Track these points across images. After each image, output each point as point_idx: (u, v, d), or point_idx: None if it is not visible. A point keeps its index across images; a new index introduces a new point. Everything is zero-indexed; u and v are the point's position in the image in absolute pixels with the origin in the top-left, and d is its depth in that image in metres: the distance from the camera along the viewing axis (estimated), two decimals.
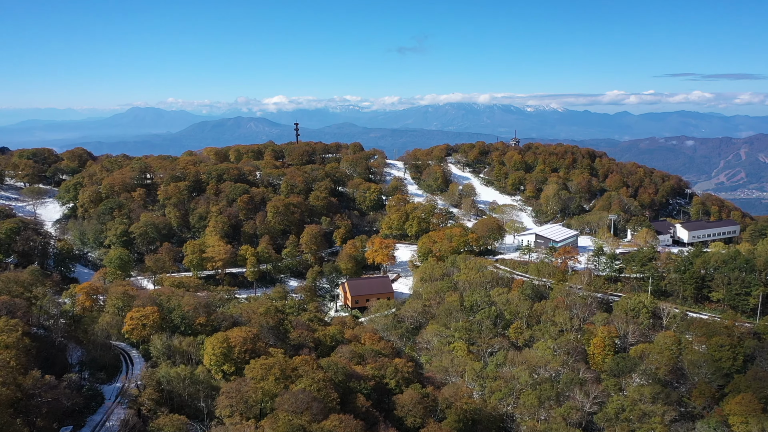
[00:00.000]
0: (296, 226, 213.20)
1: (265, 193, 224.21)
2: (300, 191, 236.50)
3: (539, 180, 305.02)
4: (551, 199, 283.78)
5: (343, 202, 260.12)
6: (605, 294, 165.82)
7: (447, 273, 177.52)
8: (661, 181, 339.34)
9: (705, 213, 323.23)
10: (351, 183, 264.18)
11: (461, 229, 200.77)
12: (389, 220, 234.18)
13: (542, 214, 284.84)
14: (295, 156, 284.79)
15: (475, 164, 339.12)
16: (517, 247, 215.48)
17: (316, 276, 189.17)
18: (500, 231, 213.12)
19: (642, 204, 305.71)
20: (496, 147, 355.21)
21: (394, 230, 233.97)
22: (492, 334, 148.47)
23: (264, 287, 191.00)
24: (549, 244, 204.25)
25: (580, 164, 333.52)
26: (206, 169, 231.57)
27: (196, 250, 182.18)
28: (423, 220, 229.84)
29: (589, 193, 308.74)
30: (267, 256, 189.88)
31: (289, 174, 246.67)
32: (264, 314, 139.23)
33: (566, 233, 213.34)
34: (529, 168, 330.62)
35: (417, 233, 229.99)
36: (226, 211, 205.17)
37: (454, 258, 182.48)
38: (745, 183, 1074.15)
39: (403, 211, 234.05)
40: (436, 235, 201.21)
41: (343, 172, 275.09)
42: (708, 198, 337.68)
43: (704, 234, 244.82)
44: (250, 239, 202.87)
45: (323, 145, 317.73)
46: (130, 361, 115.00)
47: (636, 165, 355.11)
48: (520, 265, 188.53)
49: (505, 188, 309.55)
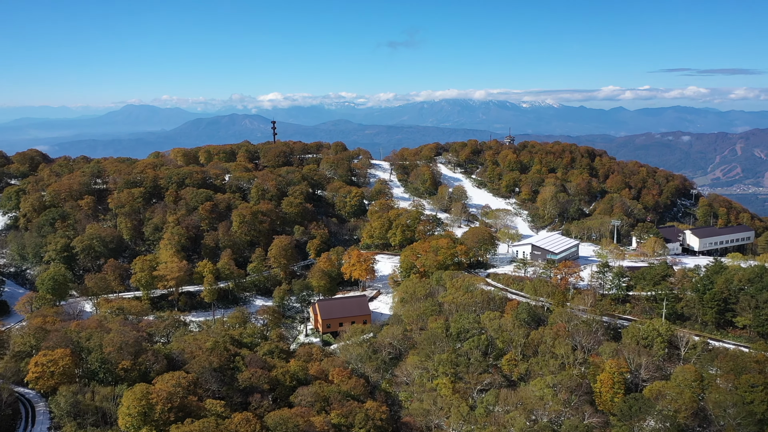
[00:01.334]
0: (265, 237, 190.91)
1: (232, 200, 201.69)
2: (272, 197, 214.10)
3: (535, 181, 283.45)
4: (548, 203, 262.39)
5: (322, 208, 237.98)
6: (612, 317, 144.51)
7: (431, 292, 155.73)
8: (665, 181, 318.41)
9: (713, 215, 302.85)
10: (330, 186, 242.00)
11: (448, 241, 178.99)
12: (370, 228, 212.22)
13: (539, 219, 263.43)
14: (270, 157, 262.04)
15: (466, 164, 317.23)
16: (512, 259, 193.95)
17: (284, 294, 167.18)
18: (492, 241, 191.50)
19: (645, 206, 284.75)
20: (489, 146, 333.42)
21: (376, 239, 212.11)
22: (482, 368, 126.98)
23: (225, 308, 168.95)
24: (547, 256, 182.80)
25: (578, 164, 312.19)
26: (166, 174, 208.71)
27: (146, 267, 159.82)
28: (408, 228, 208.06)
29: (589, 195, 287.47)
30: (228, 272, 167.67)
31: (261, 177, 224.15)
32: (210, 351, 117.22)
33: (566, 243, 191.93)
34: (525, 168, 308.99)
35: (401, 243, 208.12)
36: (185, 221, 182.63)
37: (439, 275, 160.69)
38: (741, 178, 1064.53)
39: (385, 218, 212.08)
40: (421, 247, 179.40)
41: (322, 174, 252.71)
42: (715, 199, 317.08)
43: (716, 241, 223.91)
44: (211, 253, 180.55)
45: (302, 144, 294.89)
46: (31, 420, 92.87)
47: (638, 164, 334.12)
48: (515, 282, 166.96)
49: (498, 190, 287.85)
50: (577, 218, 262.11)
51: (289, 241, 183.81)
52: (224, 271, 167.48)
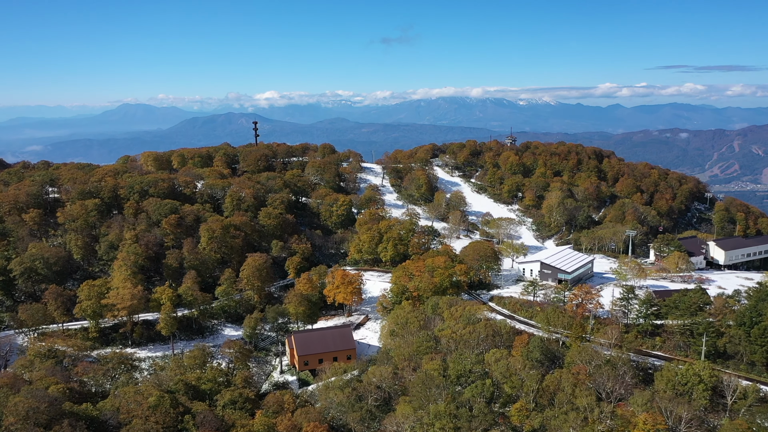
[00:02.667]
0: (238, 254, 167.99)
1: (201, 212, 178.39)
2: (249, 207, 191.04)
3: (540, 185, 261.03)
4: (555, 209, 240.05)
5: (306, 218, 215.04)
6: (640, 354, 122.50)
7: (426, 323, 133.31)
8: (677, 184, 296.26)
9: (729, 221, 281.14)
10: (315, 194, 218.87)
11: (446, 259, 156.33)
12: (359, 241, 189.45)
13: (545, 228, 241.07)
14: (250, 161, 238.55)
15: (465, 167, 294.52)
16: (518, 277, 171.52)
17: (256, 323, 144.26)
18: (495, 258, 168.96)
19: (659, 212, 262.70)
20: (489, 146, 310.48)
21: (365, 254, 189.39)
22: (487, 422, 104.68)
23: (189, 339, 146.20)
24: (558, 275, 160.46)
25: (585, 166, 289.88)
26: (128, 182, 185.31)
27: (94, 293, 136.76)
28: (400, 242, 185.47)
29: (598, 200, 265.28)
30: (191, 298, 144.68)
31: (237, 185, 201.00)
32: (153, 409, 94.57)
33: (579, 260, 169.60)
34: (528, 171, 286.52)
35: (393, 258, 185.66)
36: (145, 238, 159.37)
37: (436, 301, 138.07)
38: (739, 175, 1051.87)
39: (375, 230, 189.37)
40: (414, 266, 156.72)
41: (306, 180, 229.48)
42: (732, 203, 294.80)
43: (743, 254, 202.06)
44: (174, 274, 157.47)
45: (287, 147, 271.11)
46: None
47: (648, 166, 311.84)
48: (523, 308, 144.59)
49: (500, 196, 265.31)
50: (587, 226, 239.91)
51: (264, 259, 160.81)
52: (187, 297, 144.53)
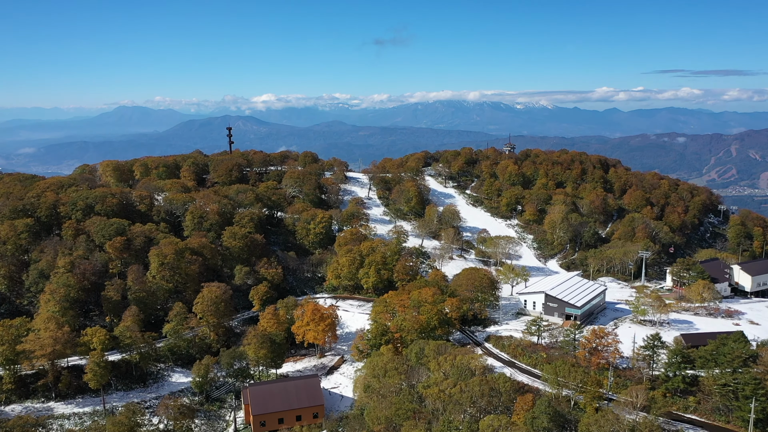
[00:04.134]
0: (195, 283, 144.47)
1: (154, 232, 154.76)
2: (212, 226, 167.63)
3: (541, 198, 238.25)
4: (558, 225, 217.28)
5: (281, 237, 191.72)
6: (671, 418, 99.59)
7: (410, 373, 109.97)
8: (689, 195, 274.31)
9: (746, 236, 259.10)
10: (291, 209, 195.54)
11: (434, 291, 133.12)
12: (337, 266, 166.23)
13: (547, 246, 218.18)
14: (221, 171, 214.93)
15: (460, 177, 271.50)
16: (518, 310, 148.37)
17: (208, 369, 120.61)
18: (493, 288, 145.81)
19: (671, 227, 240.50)
20: (486, 154, 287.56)
21: (343, 280, 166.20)
22: None
23: (127, 389, 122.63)
24: (566, 310, 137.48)
25: (590, 176, 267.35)
26: (72, 197, 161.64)
27: (9, 336, 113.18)
28: (384, 266, 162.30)
29: (605, 214, 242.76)
30: (129, 340, 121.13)
31: (201, 199, 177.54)
32: None
33: (589, 290, 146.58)
34: (528, 182, 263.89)
35: (375, 285, 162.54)
36: (82, 265, 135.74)
37: (421, 347, 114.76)
38: (737, 180, 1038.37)
39: (356, 252, 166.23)
40: (398, 300, 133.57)
41: (282, 193, 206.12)
42: (747, 216, 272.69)
43: None
44: (116, 308, 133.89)
45: (263, 155, 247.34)
46: None
47: (658, 176, 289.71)
48: (525, 352, 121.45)
49: (498, 209, 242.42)
50: (594, 244, 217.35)
51: (222, 290, 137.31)
52: (124, 339, 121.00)
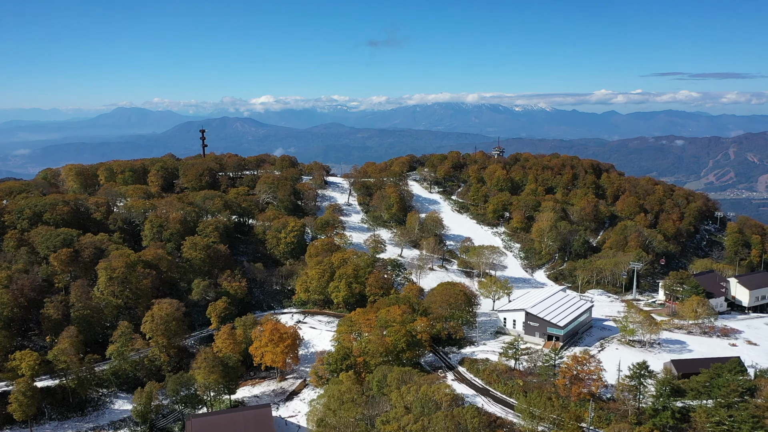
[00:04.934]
0: (148, 298, 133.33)
1: (105, 243, 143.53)
2: (172, 235, 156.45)
3: (530, 205, 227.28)
4: (546, 234, 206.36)
5: (251, 246, 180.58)
6: None
7: (370, 404, 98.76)
8: (685, 201, 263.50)
9: (743, 244, 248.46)
10: (262, 216, 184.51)
11: (404, 310, 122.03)
12: (306, 278, 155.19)
13: (534, 255, 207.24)
14: (191, 176, 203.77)
15: (446, 182, 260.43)
16: (498, 328, 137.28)
17: (151, 397, 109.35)
18: (469, 305, 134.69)
19: (665, 235, 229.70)
20: (474, 159, 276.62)
21: (312, 294, 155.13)
22: None
23: (63, 419, 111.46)
24: (548, 329, 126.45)
25: (582, 181, 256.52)
26: (18, 205, 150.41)
27: None
28: (356, 280, 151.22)
29: (596, 221, 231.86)
30: (64, 364, 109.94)
31: (162, 207, 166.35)
32: None
33: (574, 307, 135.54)
34: (517, 187, 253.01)
35: (346, 300, 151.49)
36: (20, 281, 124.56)
37: (383, 375, 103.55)
38: (735, 183, 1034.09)
39: (327, 263, 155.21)
40: (364, 319, 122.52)
41: (253, 199, 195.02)
42: (745, 223, 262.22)
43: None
44: (57, 327, 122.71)
45: (238, 159, 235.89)
46: None
47: (652, 181, 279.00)
48: (501, 378, 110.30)
49: (484, 216, 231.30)
50: (583, 254, 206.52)
51: (174, 307, 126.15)
52: (58, 363, 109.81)
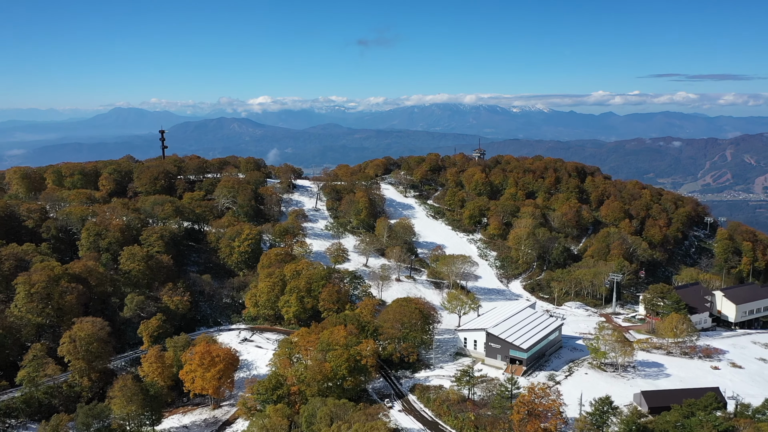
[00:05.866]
0: (74, 315, 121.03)
1: (30, 255, 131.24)
2: (111, 245, 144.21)
3: (508, 210, 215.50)
4: (524, 241, 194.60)
5: (203, 255, 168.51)
6: None
7: None
8: (673, 206, 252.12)
9: (734, 252, 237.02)
10: (216, 223, 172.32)
11: (349, 331, 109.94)
12: (255, 292, 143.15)
13: (511, 264, 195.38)
14: (145, 180, 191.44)
15: (422, 186, 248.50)
16: (458, 350, 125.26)
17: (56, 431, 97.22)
18: (425, 325, 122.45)
19: (651, 242, 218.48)
20: (453, 161, 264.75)
21: (261, 309, 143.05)
22: None
23: None
24: (510, 352, 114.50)
25: (565, 185, 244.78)
26: None
27: None
28: (308, 294, 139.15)
29: (579, 227, 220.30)
30: None
31: (103, 214, 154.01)
32: None
33: (541, 326, 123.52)
34: (497, 191, 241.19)
35: (298, 315, 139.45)
36: None
37: (312, 410, 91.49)
38: (732, 184, 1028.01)
39: (278, 275, 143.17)
40: (305, 341, 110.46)
41: (209, 204, 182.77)
42: (736, 229, 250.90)
43: (758, 308, 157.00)
44: None
45: (200, 161, 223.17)
46: None
47: (639, 185, 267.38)
48: (452, 410, 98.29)
49: (460, 222, 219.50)
50: (563, 263, 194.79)
51: (99, 326, 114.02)
52: None
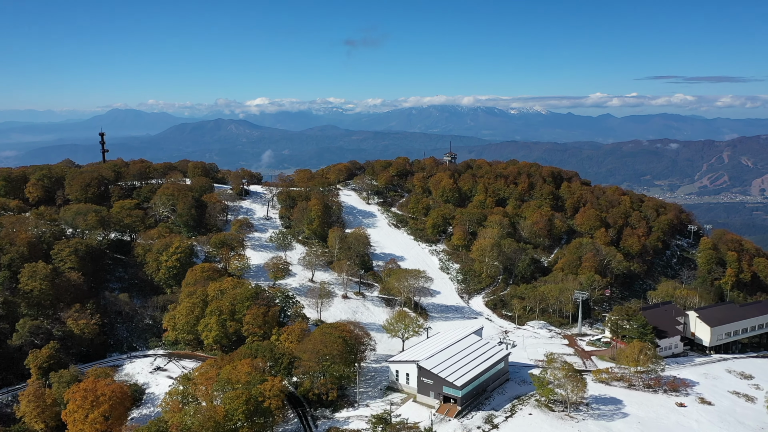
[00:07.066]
0: None
1: None
2: (13, 261, 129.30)
3: (474, 218, 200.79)
4: (488, 253, 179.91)
5: (129, 270, 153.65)
6: None
7: None
8: (654, 214, 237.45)
9: (719, 262, 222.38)
10: (145, 234, 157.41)
11: (255, 365, 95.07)
12: (174, 315, 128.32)
13: (474, 278, 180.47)
14: (76, 186, 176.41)
15: (387, 192, 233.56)
16: (389, 384, 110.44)
17: None
18: (350, 357, 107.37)
19: (628, 253, 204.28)
20: (422, 165, 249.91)
21: (180, 333, 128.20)
22: None
23: None
24: (444, 389, 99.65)
25: (538, 191, 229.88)
26: None
27: None
28: (231, 316, 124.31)
29: (551, 237, 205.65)
30: None
31: (10, 226, 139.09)
32: None
33: (482, 359, 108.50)
34: (466, 198, 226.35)
35: (218, 340, 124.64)
36: None
37: None
38: (729, 186, 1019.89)
39: (200, 295, 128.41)
40: (204, 378, 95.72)
41: (139, 214, 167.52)
42: (721, 238, 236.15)
43: (735, 330, 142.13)
44: None
45: (142, 165, 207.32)
46: None
47: (619, 191, 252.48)
48: None
49: (423, 232, 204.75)
50: (529, 277, 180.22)
51: None
52: None
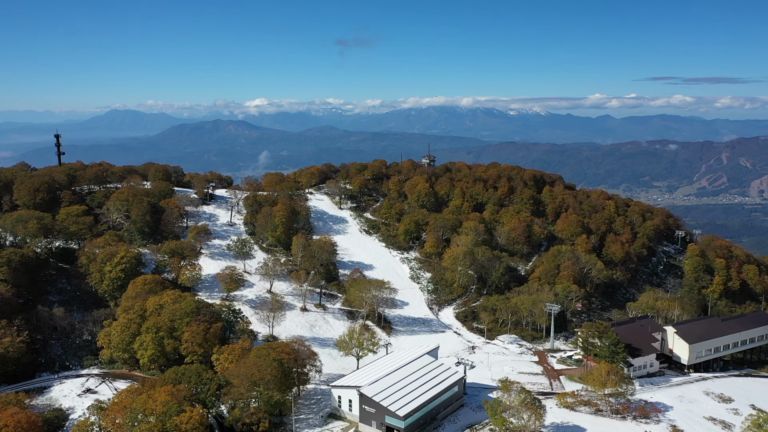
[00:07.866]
0: None
1: None
2: None
3: (449, 224, 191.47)
4: (460, 261, 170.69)
5: (72, 281, 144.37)
6: None
7: None
8: (640, 219, 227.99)
9: (706, 270, 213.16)
10: (92, 243, 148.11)
11: (173, 392, 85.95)
12: (109, 332, 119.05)
13: (445, 288, 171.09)
14: (24, 191, 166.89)
15: (362, 197, 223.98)
16: (332, 411, 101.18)
17: None
18: (285, 383, 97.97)
19: (611, 261, 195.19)
20: (399, 168, 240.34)
21: (115, 351, 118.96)
22: None
23: None
24: (386, 419, 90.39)
25: (518, 196, 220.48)
26: None
27: None
28: (169, 334, 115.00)
29: (530, 244, 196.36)
30: None
31: None
32: None
33: (432, 384, 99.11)
34: (442, 203, 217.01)
35: (155, 359, 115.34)
36: None
37: None
38: (727, 188, 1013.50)
39: (138, 310, 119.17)
40: (117, 411, 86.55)
41: (87, 221, 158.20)
42: (710, 244, 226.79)
43: (716, 347, 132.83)
44: None
45: (99, 168, 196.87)
46: None
47: (604, 195, 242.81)
48: None
49: (395, 238, 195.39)
50: (503, 287, 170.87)
51: None
52: None
